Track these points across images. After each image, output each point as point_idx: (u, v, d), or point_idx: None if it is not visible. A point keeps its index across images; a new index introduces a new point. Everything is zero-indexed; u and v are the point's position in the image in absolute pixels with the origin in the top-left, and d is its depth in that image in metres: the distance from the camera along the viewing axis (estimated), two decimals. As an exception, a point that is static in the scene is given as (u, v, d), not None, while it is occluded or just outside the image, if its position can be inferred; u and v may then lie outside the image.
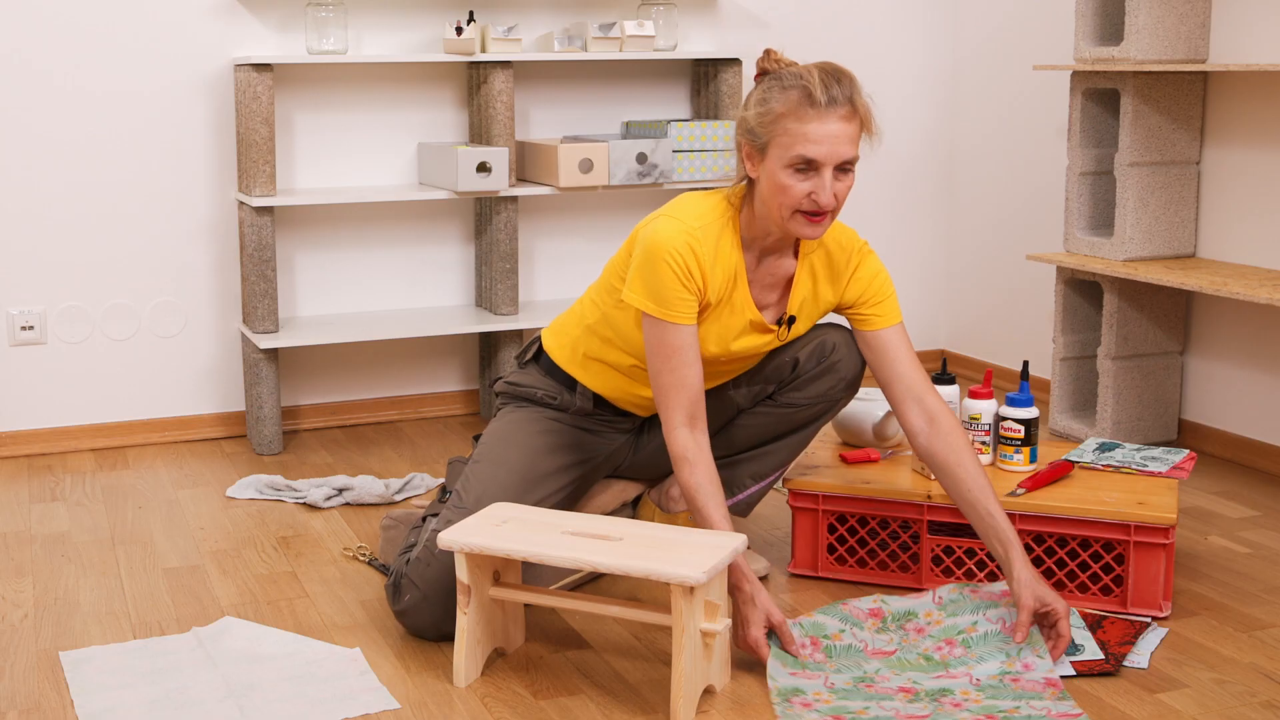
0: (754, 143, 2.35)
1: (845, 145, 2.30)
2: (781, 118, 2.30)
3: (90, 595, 2.72)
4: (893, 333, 2.51)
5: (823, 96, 2.27)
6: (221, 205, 3.81)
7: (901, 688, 2.24)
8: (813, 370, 2.61)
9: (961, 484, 2.40)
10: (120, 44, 3.66)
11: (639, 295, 2.38)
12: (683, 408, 2.37)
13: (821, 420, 2.69)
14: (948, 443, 2.43)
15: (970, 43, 4.48)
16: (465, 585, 2.27)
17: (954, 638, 2.37)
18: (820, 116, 2.28)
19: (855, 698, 2.20)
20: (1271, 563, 2.86)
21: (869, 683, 2.26)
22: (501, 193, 3.75)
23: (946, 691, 2.23)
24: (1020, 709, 2.17)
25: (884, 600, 2.45)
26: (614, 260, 2.54)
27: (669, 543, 2.23)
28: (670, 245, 2.35)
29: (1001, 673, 2.28)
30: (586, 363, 2.60)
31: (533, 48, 4.01)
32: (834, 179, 2.30)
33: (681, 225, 2.37)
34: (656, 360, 2.39)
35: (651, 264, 2.36)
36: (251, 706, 2.21)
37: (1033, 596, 2.29)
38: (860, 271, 2.51)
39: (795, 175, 2.30)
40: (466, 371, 4.13)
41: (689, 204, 2.43)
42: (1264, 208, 3.51)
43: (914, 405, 2.46)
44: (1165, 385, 3.71)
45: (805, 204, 2.31)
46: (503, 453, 2.56)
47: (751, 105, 2.36)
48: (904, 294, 4.62)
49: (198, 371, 3.86)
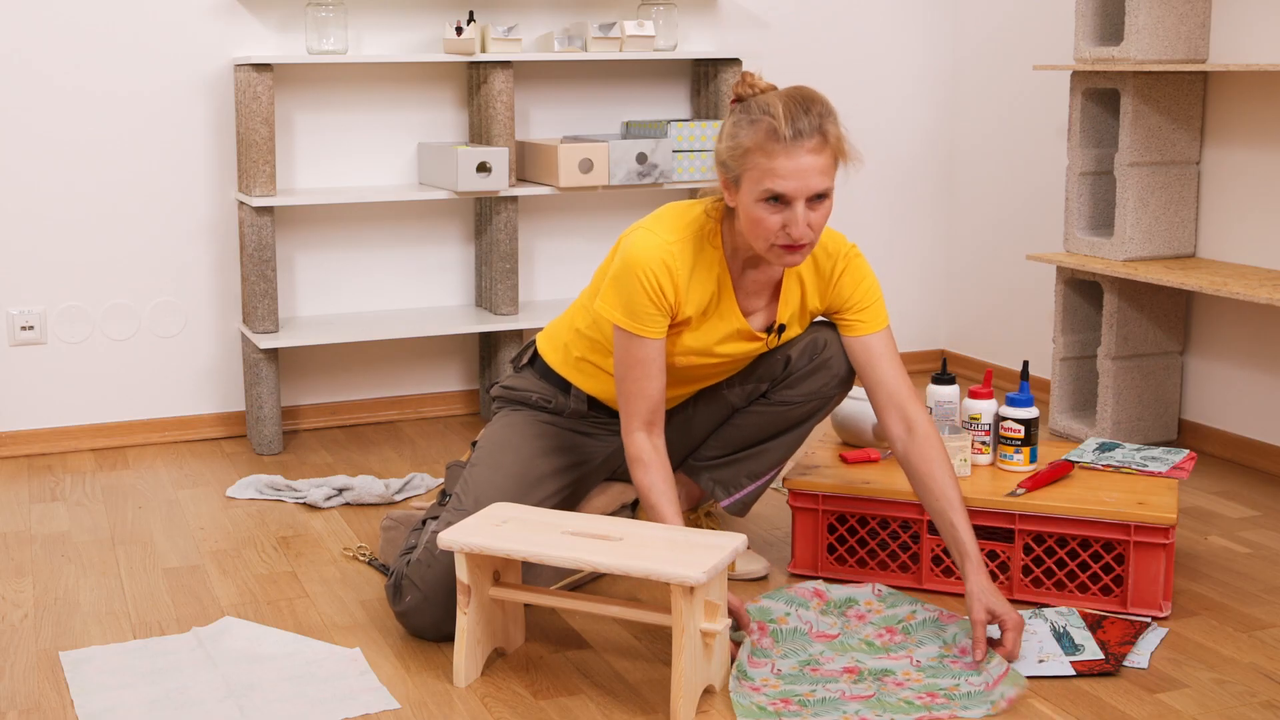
0: (727, 175, 2.33)
1: (815, 178, 2.25)
2: (749, 152, 2.26)
3: (90, 595, 2.72)
4: (876, 339, 2.51)
5: (788, 130, 2.23)
6: (221, 205, 3.81)
7: (846, 668, 2.33)
8: (805, 368, 2.62)
9: (931, 493, 2.43)
10: (120, 44, 3.66)
11: (610, 306, 2.40)
12: (640, 414, 2.42)
13: (816, 418, 2.69)
14: (921, 452, 2.44)
15: (970, 43, 4.48)
16: (465, 585, 2.27)
17: (894, 625, 2.48)
18: (787, 151, 2.23)
19: (802, 682, 2.28)
20: (1271, 563, 2.86)
21: (814, 665, 2.34)
22: (501, 193, 3.75)
23: (889, 672, 2.32)
24: (960, 685, 2.26)
25: (826, 586, 2.57)
26: (602, 266, 2.56)
27: (669, 543, 2.23)
28: (645, 261, 2.36)
29: (940, 655, 2.38)
30: (579, 365, 2.61)
31: (533, 48, 4.01)
32: (808, 209, 2.27)
33: (659, 240, 2.37)
34: (622, 368, 2.42)
35: (625, 278, 2.38)
36: (251, 706, 2.21)
37: (983, 608, 2.31)
38: (845, 278, 2.51)
39: (767, 208, 2.27)
40: (466, 371, 4.13)
41: (670, 216, 2.43)
42: (1264, 208, 3.51)
43: (894, 413, 2.48)
44: (1165, 385, 3.71)
45: (780, 237, 2.29)
46: (499, 456, 2.57)
47: (724, 137, 2.33)
48: (904, 294, 4.62)
49: (198, 371, 3.86)
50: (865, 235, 4.51)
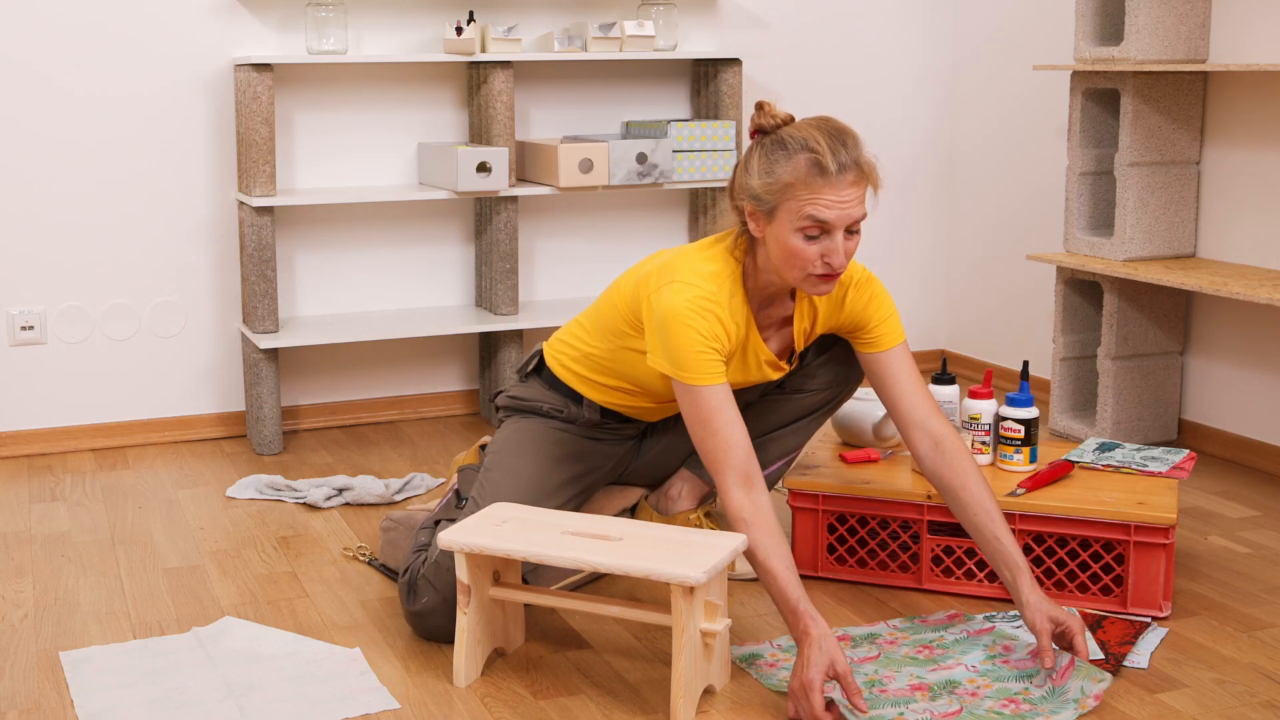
0: (760, 207, 2.30)
1: (856, 208, 2.27)
2: (791, 186, 2.25)
3: (90, 595, 2.72)
4: (892, 355, 2.48)
5: (833, 165, 2.23)
6: (221, 205, 3.81)
7: (913, 686, 2.26)
8: (821, 358, 2.64)
9: (968, 508, 2.39)
10: (120, 44, 3.66)
11: (672, 364, 2.32)
12: (734, 469, 2.29)
13: (829, 406, 2.70)
14: (953, 467, 2.41)
15: (970, 43, 4.48)
16: (465, 585, 2.27)
17: (929, 644, 2.43)
18: (832, 185, 2.23)
19: (883, 705, 2.19)
20: (1271, 563, 2.86)
21: (880, 686, 2.26)
22: (501, 193, 3.75)
23: (955, 683, 2.26)
24: (1029, 689, 2.23)
25: (845, 629, 2.50)
26: (613, 300, 2.50)
27: (669, 543, 2.23)
28: (690, 312, 2.30)
29: (989, 657, 2.35)
30: (587, 382, 2.60)
31: (533, 48, 4.01)
32: (844, 239, 2.28)
33: (698, 291, 2.32)
34: (697, 427, 2.32)
35: (674, 332, 2.30)
36: (251, 706, 2.21)
37: (1046, 619, 2.26)
38: (855, 301, 2.49)
39: (806, 240, 2.26)
40: (466, 371, 4.13)
41: (694, 264, 2.37)
42: (1264, 208, 3.51)
43: (918, 430, 2.44)
44: (1165, 385, 3.71)
45: (818, 267, 2.28)
46: (516, 462, 2.56)
47: (756, 173, 2.29)
48: (904, 294, 4.62)
49: (198, 371, 3.86)
50: (865, 235, 4.51)
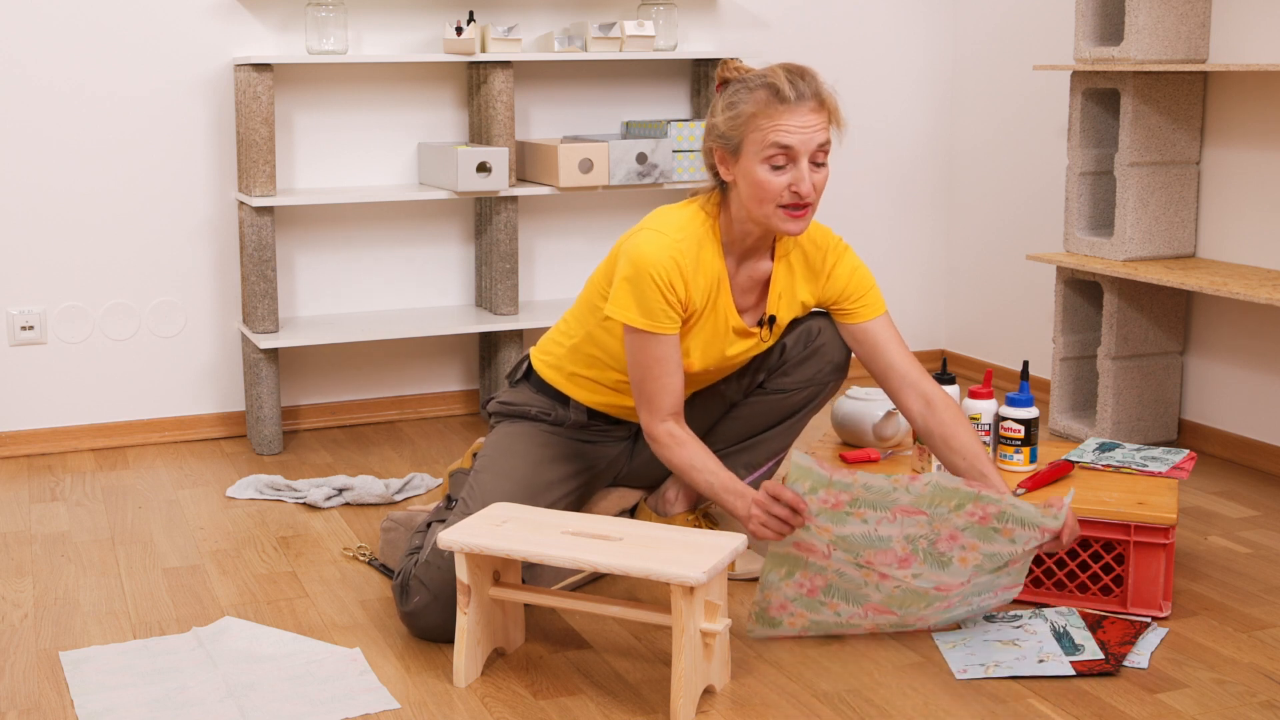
0: (726, 146, 2.39)
1: (818, 133, 2.34)
2: (753, 117, 2.34)
3: (90, 595, 2.72)
4: (878, 324, 2.55)
5: (791, 92, 2.32)
6: (221, 205, 3.81)
7: (900, 558, 2.32)
8: (800, 354, 2.64)
9: (955, 453, 2.45)
10: (120, 44, 3.66)
11: (622, 308, 2.41)
12: (665, 408, 2.43)
13: (812, 405, 2.71)
14: (941, 419, 2.47)
15: (970, 43, 4.48)
16: (465, 585, 2.27)
17: (957, 532, 2.32)
18: (791, 110, 2.32)
19: (850, 561, 2.30)
20: (1271, 563, 2.86)
21: (880, 545, 2.32)
22: (501, 193, 3.75)
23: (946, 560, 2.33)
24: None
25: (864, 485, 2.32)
26: (595, 279, 2.57)
27: (669, 543, 2.23)
28: (654, 259, 2.38)
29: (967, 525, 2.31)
30: (574, 379, 2.63)
31: (533, 48, 4.01)
32: (811, 171, 2.34)
33: (665, 239, 2.40)
34: (639, 369, 2.43)
35: (637, 278, 2.39)
36: (251, 706, 2.21)
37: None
38: (838, 268, 2.55)
39: (772, 171, 2.34)
40: (466, 371, 4.13)
41: (668, 216, 2.46)
42: (1264, 208, 3.51)
43: (910, 391, 2.51)
44: (1165, 385, 3.71)
45: (786, 197, 2.34)
46: (506, 463, 2.57)
47: (719, 111, 2.40)
48: (904, 294, 4.62)
49: (198, 371, 3.86)
50: (865, 235, 4.51)
